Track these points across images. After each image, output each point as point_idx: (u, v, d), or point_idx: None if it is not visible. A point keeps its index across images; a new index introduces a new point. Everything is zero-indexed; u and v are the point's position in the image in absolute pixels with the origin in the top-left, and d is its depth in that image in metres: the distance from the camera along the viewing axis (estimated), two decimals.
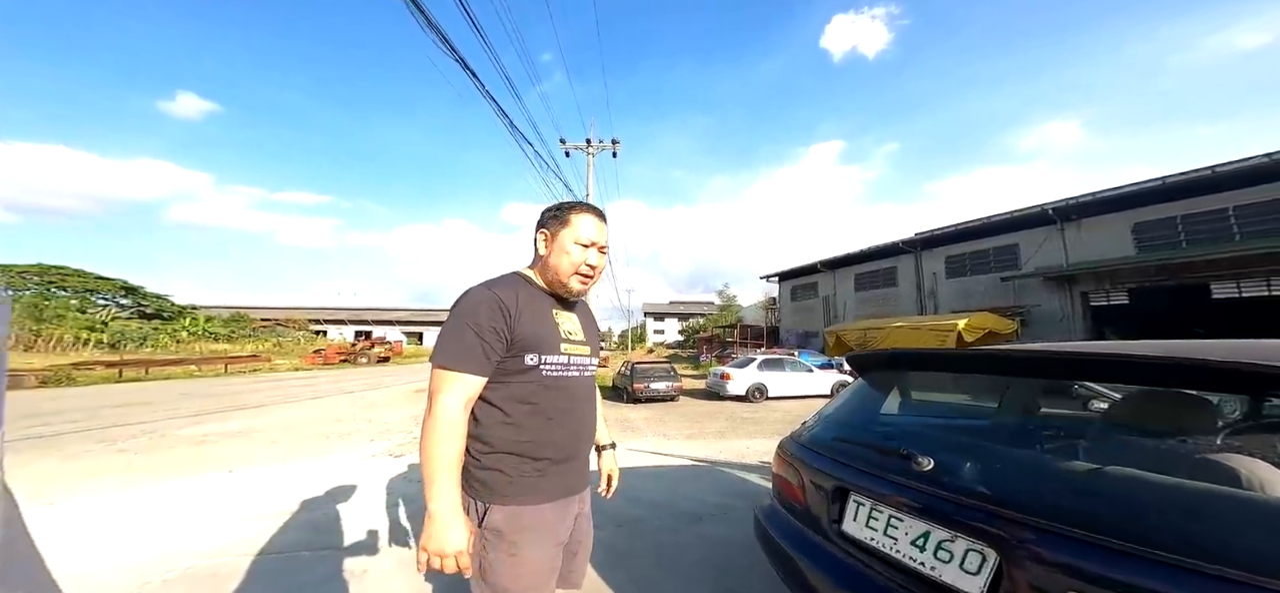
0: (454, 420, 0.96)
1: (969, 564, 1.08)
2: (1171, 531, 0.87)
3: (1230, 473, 0.95)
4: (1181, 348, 1.17)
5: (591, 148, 14.98)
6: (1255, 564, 0.76)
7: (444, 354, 0.99)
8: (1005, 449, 1.43)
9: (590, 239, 1.11)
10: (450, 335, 1.00)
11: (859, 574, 1.30)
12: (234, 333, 30.77)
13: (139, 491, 3.63)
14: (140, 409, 8.32)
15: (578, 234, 1.10)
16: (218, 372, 17.79)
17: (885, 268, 21.92)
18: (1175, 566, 0.81)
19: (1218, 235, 12.15)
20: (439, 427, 0.95)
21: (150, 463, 4.54)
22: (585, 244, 1.11)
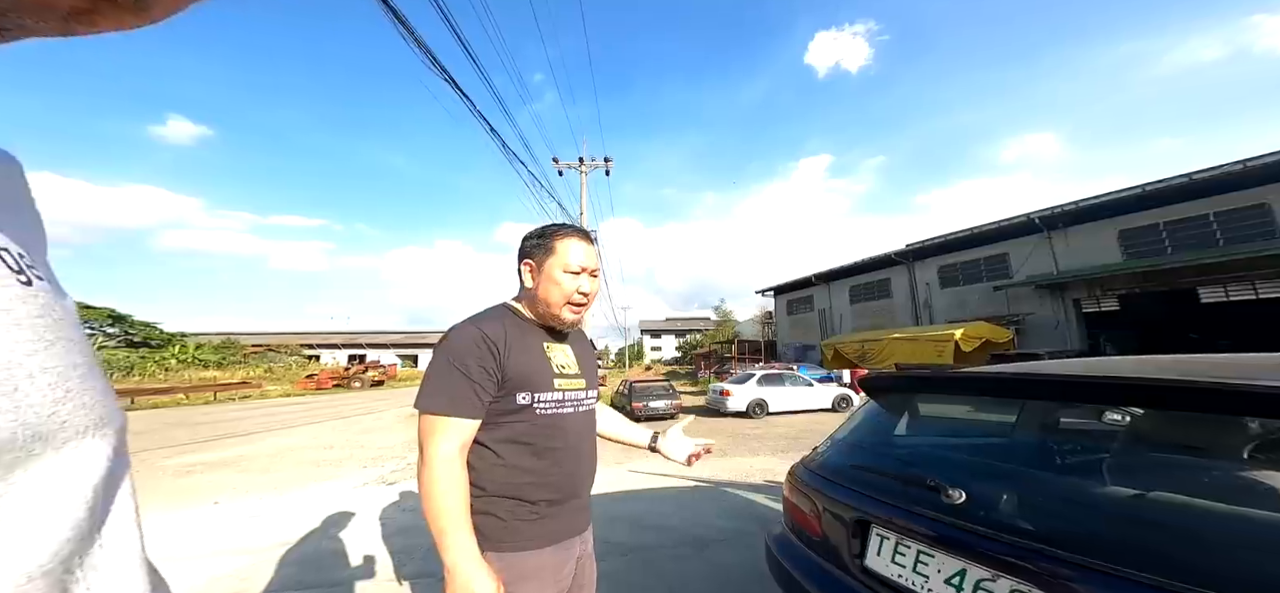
0: (453, 465, 0.90)
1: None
2: (1227, 565, 0.82)
3: (1270, 491, 0.93)
4: (1217, 369, 1.14)
5: (584, 166, 15.07)
6: None
7: (433, 399, 0.93)
8: (1035, 474, 1.37)
9: (580, 265, 1.04)
10: (438, 378, 0.94)
11: None
12: (224, 360, 30.14)
13: None
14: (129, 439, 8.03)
15: (566, 261, 1.03)
16: (207, 400, 17.36)
17: (879, 279, 22.09)
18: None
19: (1201, 241, 12.39)
20: (439, 476, 0.89)
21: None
22: (575, 271, 1.04)
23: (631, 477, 4.93)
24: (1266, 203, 11.36)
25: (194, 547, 2.96)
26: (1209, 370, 1.25)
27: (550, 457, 1.01)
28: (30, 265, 0.26)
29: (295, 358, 36.49)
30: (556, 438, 1.02)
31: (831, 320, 24.30)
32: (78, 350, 0.27)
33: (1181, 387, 1.05)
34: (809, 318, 26.25)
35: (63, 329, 0.26)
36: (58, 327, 0.26)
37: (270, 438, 8.22)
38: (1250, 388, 0.91)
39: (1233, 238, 11.88)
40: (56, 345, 0.25)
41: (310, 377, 25.12)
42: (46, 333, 0.24)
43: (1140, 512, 1.01)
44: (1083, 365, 1.42)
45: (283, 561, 2.69)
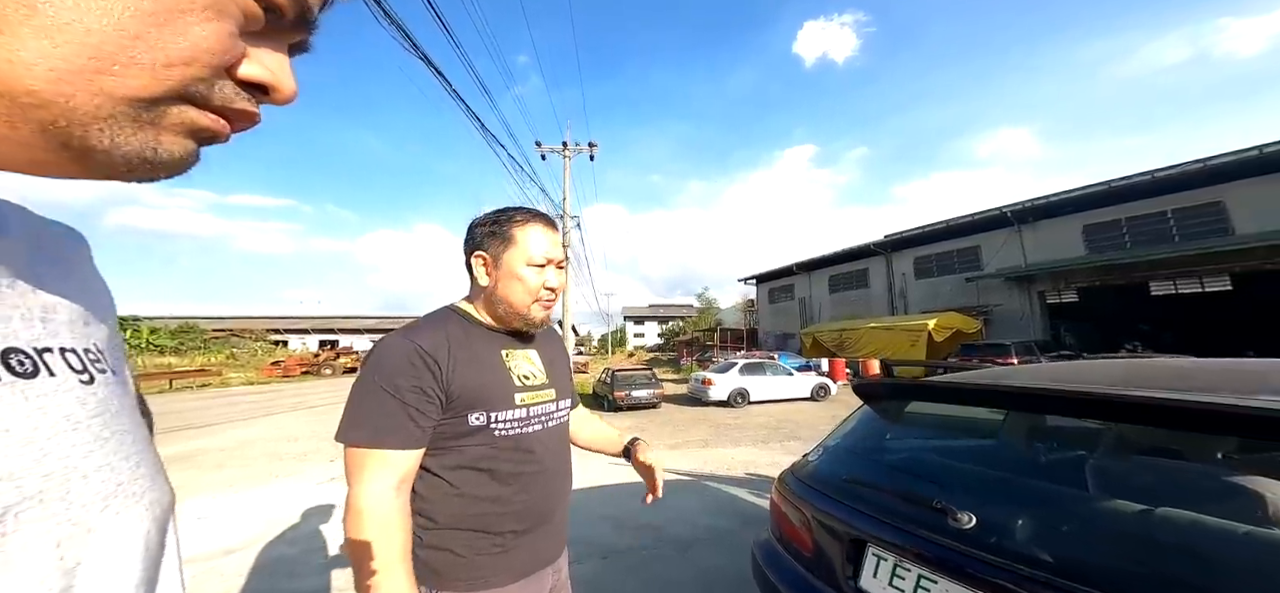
0: (384, 507, 0.75)
1: None
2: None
3: (1256, 498, 0.90)
4: (1199, 380, 1.08)
5: (568, 151, 14.69)
6: None
7: (356, 428, 0.77)
8: (1041, 490, 1.30)
9: (545, 256, 0.89)
10: (362, 403, 0.79)
11: None
12: (182, 345, 28.48)
13: None
14: None
15: (529, 254, 0.88)
16: (160, 388, 16.34)
17: (858, 269, 22.59)
18: None
19: (1158, 237, 13.10)
20: (366, 521, 0.74)
21: None
22: (540, 264, 0.89)
23: (614, 470, 4.84)
24: (1221, 201, 12.04)
25: None
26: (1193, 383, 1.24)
27: (516, 483, 0.87)
28: (95, 360, 0.28)
29: (261, 344, 34.87)
30: (522, 461, 0.88)
31: (811, 309, 24.78)
32: (131, 439, 0.28)
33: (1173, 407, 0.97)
34: (790, 306, 26.71)
35: (120, 420, 0.28)
36: (116, 419, 0.27)
37: (228, 430, 7.74)
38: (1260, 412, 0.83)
39: (1187, 234, 12.59)
40: (112, 440, 0.26)
41: (276, 364, 23.98)
42: (103, 430, 0.26)
43: (1147, 535, 0.96)
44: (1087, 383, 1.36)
45: (227, 570, 2.47)
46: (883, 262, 21.05)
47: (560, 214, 14.68)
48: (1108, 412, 1.18)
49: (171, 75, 0.21)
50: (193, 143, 0.24)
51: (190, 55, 0.22)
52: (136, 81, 0.21)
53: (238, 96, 0.25)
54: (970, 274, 17.13)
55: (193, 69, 0.22)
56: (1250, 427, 0.94)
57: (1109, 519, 1.06)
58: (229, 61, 0.23)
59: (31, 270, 0.28)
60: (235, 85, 0.25)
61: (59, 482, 0.23)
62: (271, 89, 0.26)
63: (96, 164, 0.22)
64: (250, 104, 0.25)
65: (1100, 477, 1.18)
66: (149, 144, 0.22)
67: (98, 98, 0.20)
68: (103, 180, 0.23)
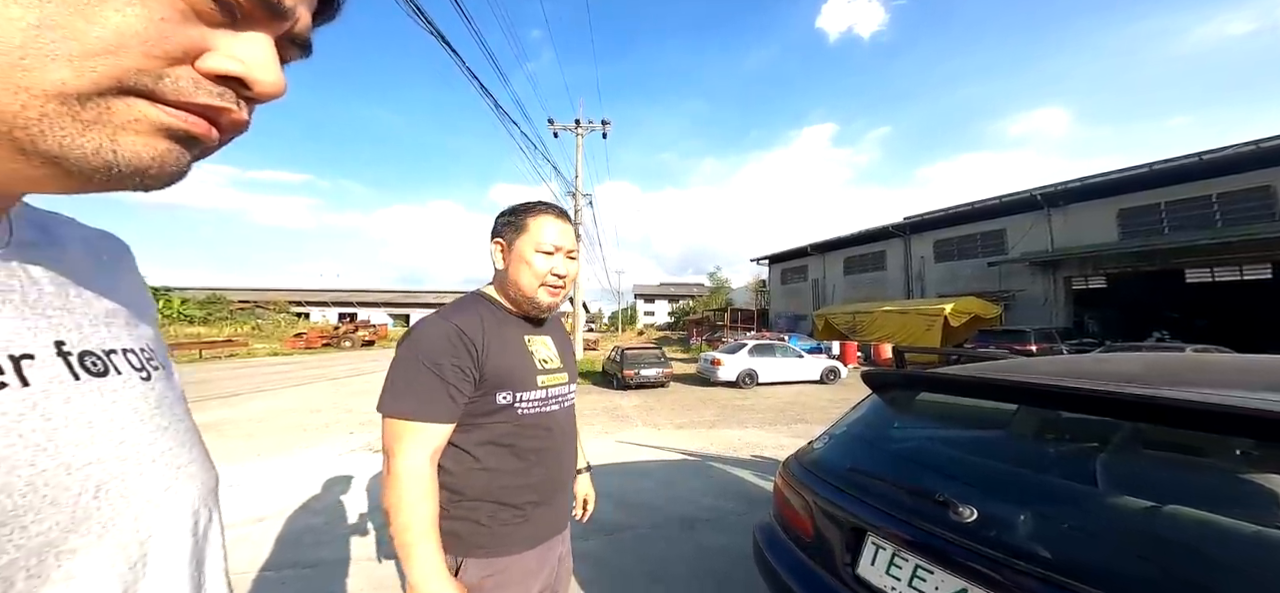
0: (423, 477, 0.82)
1: None
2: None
3: (1266, 496, 0.89)
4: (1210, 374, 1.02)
5: (580, 129, 14.49)
6: None
7: (399, 401, 0.84)
8: (1045, 484, 1.28)
9: (554, 244, 0.95)
10: (406, 378, 0.85)
11: None
12: (211, 315, 29.67)
13: None
14: None
15: (538, 240, 0.94)
16: (192, 358, 17.11)
17: (874, 252, 22.04)
18: None
19: (1200, 222, 12.39)
20: (406, 488, 0.81)
21: None
22: (548, 251, 0.95)
23: (619, 448, 4.95)
24: (1271, 185, 11.27)
25: None
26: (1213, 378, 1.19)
27: (533, 457, 0.95)
28: (150, 358, 0.31)
29: (284, 315, 36.08)
30: (541, 438, 0.96)
31: (824, 291, 24.42)
32: (185, 428, 0.32)
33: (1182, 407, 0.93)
34: (802, 288, 26.36)
35: (175, 410, 0.32)
36: (171, 411, 0.31)
37: (255, 400, 8.12)
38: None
39: (1232, 219, 11.88)
40: (170, 430, 0.30)
41: (299, 335, 24.84)
42: (162, 421, 0.30)
43: (1152, 535, 0.94)
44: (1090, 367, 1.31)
45: (256, 538, 2.63)
46: (901, 244, 20.48)
47: (572, 191, 14.60)
48: (1118, 410, 1.14)
49: (96, 66, 0.20)
50: (166, 143, 0.23)
51: (113, 43, 0.20)
52: (56, 75, 0.19)
53: (200, 90, 0.23)
54: (993, 259, 16.56)
55: (122, 58, 0.20)
56: (1260, 428, 0.91)
57: (1113, 516, 1.05)
58: (171, 50, 0.22)
59: (93, 279, 0.31)
60: (204, 80, 0.23)
61: (134, 466, 0.27)
62: (246, 82, 0.24)
63: (72, 173, 0.21)
64: (220, 99, 0.24)
65: (1109, 473, 1.15)
66: (105, 145, 0.21)
67: (20, 95, 0.19)
68: (94, 192, 0.23)
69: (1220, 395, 1.00)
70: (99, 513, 0.24)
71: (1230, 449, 1.08)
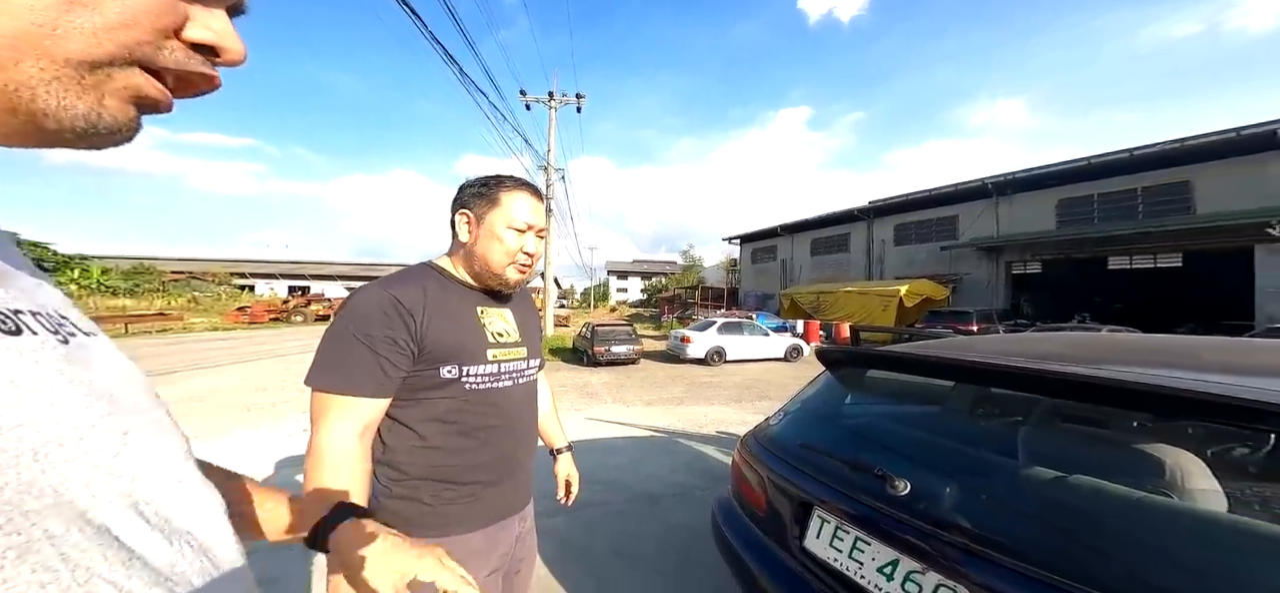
0: (347, 452, 0.77)
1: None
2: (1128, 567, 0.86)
3: (1157, 464, 0.99)
4: (1141, 355, 1.13)
5: (554, 101, 13.92)
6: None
7: (326, 373, 0.79)
8: (975, 458, 1.38)
9: (526, 222, 0.92)
10: (334, 349, 0.80)
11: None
12: (138, 287, 26.95)
13: None
14: None
15: (511, 217, 0.90)
16: (116, 333, 15.52)
17: (840, 234, 22.87)
18: None
19: (1126, 214, 13.62)
20: (326, 463, 0.75)
21: None
22: (521, 228, 0.91)
23: (588, 425, 4.98)
24: (1189, 181, 12.47)
25: None
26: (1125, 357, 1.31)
27: (483, 436, 0.90)
28: (62, 323, 0.30)
29: (225, 288, 33.32)
30: (491, 415, 0.91)
31: (792, 271, 25.21)
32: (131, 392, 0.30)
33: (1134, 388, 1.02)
34: (771, 267, 27.08)
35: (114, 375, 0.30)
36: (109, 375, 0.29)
37: (192, 378, 7.50)
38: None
39: (1152, 212, 13.12)
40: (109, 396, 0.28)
41: (243, 309, 23.05)
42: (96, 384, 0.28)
43: (1056, 503, 1.03)
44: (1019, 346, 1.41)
45: None
46: (865, 227, 21.33)
47: (544, 165, 14.09)
48: (1035, 386, 1.24)
49: (113, 38, 0.23)
50: (134, 110, 0.25)
51: (128, 17, 0.23)
52: (78, 44, 0.22)
53: (190, 59, 0.26)
54: (946, 243, 17.60)
55: (134, 32, 0.23)
56: (1152, 402, 1.01)
57: (1028, 487, 1.13)
58: (170, 23, 0.24)
59: None
60: (185, 48, 0.25)
61: (71, 430, 0.24)
62: (219, 50, 0.27)
63: (43, 129, 0.23)
64: (205, 67, 0.26)
65: (1028, 446, 1.24)
66: (93, 108, 0.23)
67: (42, 60, 0.21)
68: (49, 148, 0.24)
69: (1123, 372, 1.09)
70: (45, 478, 0.22)
71: (1129, 422, 1.20)
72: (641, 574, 2.14)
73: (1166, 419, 1.09)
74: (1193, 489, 0.94)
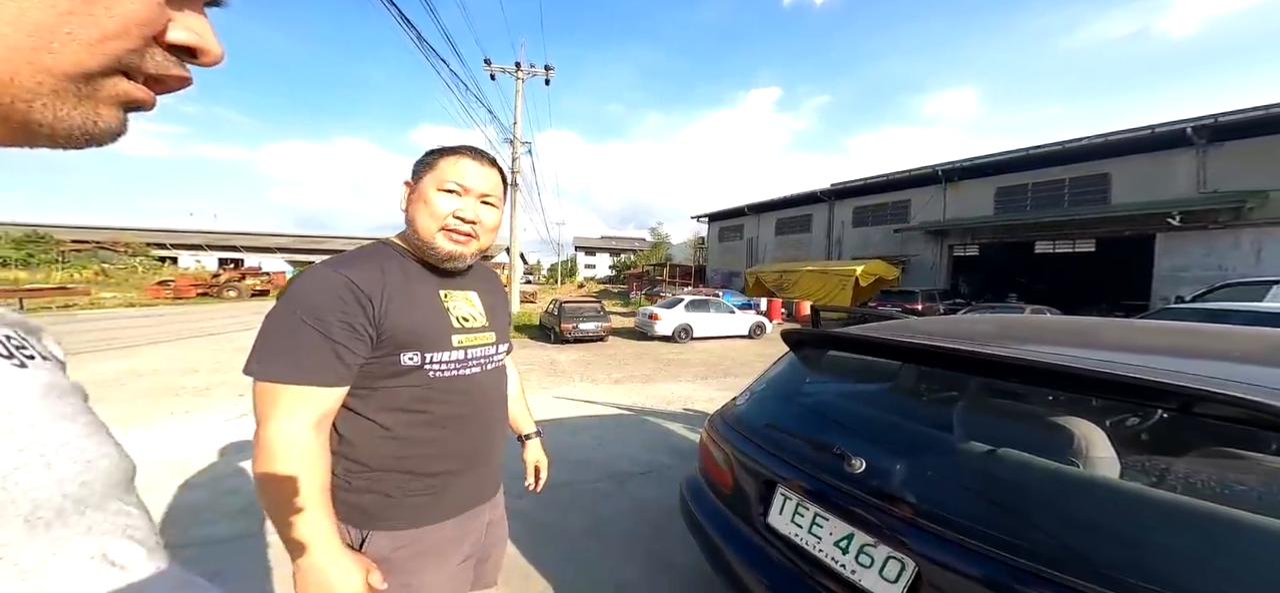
0: (303, 445, 0.72)
1: (888, 572, 1.10)
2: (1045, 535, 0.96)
3: (1067, 435, 1.09)
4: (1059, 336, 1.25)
5: (521, 73, 13.15)
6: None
7: (273, 363, 0.72)
8: (925, 437, 1.49)
9: (458, 182, 0.83)
10: (282, 336, 0.73)
11: (781, 569, 1.31)
12: (32, 257, 23.49)
13: None
14: None
15: (442, 178, 0.82)
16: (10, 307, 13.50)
17: (802, 215, 23.62)
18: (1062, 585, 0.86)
19: (1054, 202, 14.97)
20: (281, 458, 0.70)
21: None
22: (453, 189, 0.82)
23: (556, 404, 4.96)
24: (1108, 173, 13.81)
25: None
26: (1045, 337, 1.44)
27: (451, 425, 0.86)
28: (20, 347, 0.29)
29: (141, 260, 29.69)
30: (459, 403, 0.87)
31: (758, 250, 25.87)
32: (86, 420, 0.29)
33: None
34: (738, 246, 27.65)
35: (69, 403, 0.29)
36: (65, 401, 0.29)
37: (106, 359, 6.69)
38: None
39: (1076, 201, 14.48)
40: (68, 420, 0.28)
41: (164, 283, 20.63)
42: (56, 409, 0.28)
43: (989, 478, 1.13)
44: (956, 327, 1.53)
45: None
46: (826, 209, 22.14)
47: (510, 138, 13.39)
48: (969, 367, 1.34)
49: (107, 49, 0.23)
50: (123, 113, 0.25)
51: (123, 27, 0.23)
52: (75, 57, 0.22)
53: (169, 63, 0.26)
54: (898, 226, 18.66)
55: (126, 41, 0.23)
56: (1064, 381, 1.12)
57: (962, 461, 1.23)
58: (158, 30, 0.25)
59: None
60: (164, 52, 0.26)
61: (36, 455, 0.24)
62: (199, 51, 0.27)
63: (36, 136, 0.23)
64: (181, 68, 0.27)
65: (962, 422, 1.34)
66: (89, 117, 0.24)
67: (39, 75, 0.21)
68: (36, 148, 0.24)
69: (1037, 353, 1.20)
70: (16, 506, 0.22)
71: (1044, 398, 1.33)
72: (613, 552, 2.19)
73: (1072, 394, 1.21)
74: (1095, 457, 1.06)
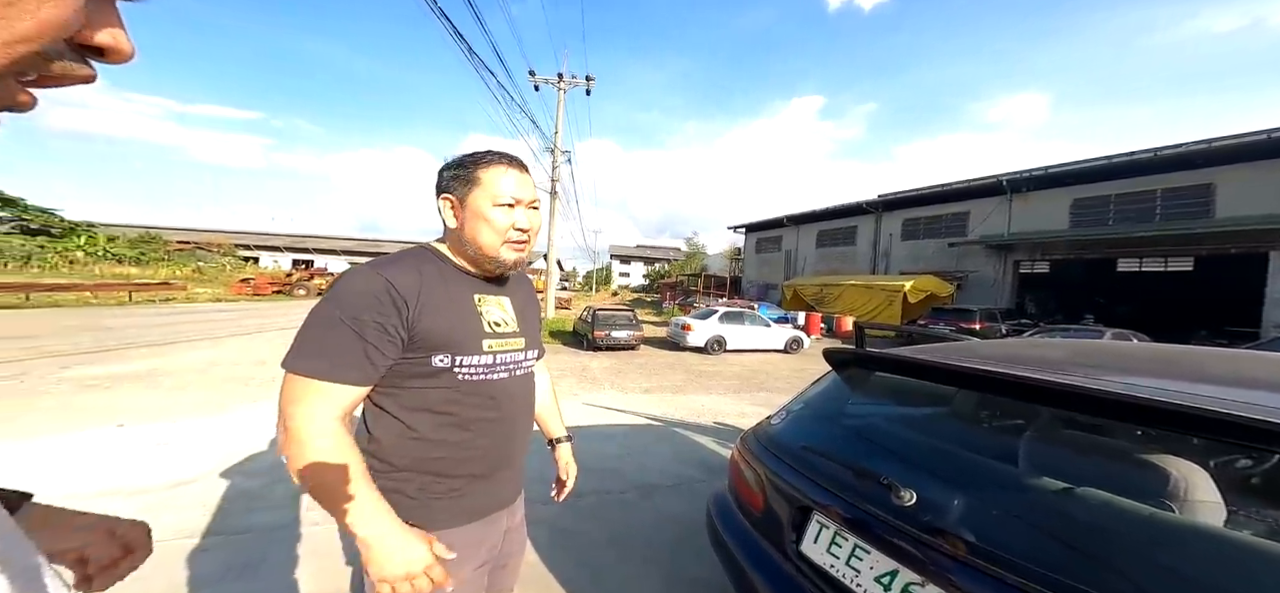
0: (335, 437, 0.73)
1: None
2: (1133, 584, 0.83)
3: (1160, 475, 0.96)
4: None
5: (563, 83, 13.68)
6: None
7: (309, 358, 0.74)
8: (985, 469, 1.33)
9: (513, 196, 0.86)
10: (319, 333, 0.76)
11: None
12: (144, 256, 27.12)
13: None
14: (16, 343, 7.12)
15: (495, 194, 0.85)
16: (120, 300, 15.62)
17: (846, 227, 22.57)
18: None
19: (1143, 216, 13.30)
20: (320, 446, 0.72)
21: (18, 411, 3.85)
22: (508, 204, 0.86)
23: (586, 411, 4.97)
24: (1212, 183, 12.10)
25: (85, 482, 2.64)
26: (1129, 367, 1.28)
27: (476, 428, 0.87)
28: None
29: (229, 258, 33.46)
30: (485, 407, 0.88)
31: (796, 262, 25.00)
32: None
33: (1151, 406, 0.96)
34: (775, 257, 26.86)
35: None
36: None
37: (193, 349, 7.55)
38: None
39: (1170, 215, 12.79)
40: None
41: (246, 281, 23.13)
42: None
43: (1063, 518, 1.00)
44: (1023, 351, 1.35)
45: (184, 503, 2.45)
46: (872, 220, 21.03)
47: (551, 147, 13.89)
48: (1044, 398, 1.19)
49: (14, 51, 0.21)
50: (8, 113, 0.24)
51: (36, 31, 0.21)
52: None
53: (75, 63, 0.25)
54: (954, 239, 17.33)
55: (36, 44, 0.22)
56: (1158, 417, 0.98)
57: (1035, 499, 1.09)
58: (73, 31, 0.23)
59: None
60: (73, 51, 0.24)
61: None
62: (110, 51, 0.26)
63: None
64: (88, 68, 0.25)
65: (1030, 454, 1.20)
66: None
67: None
68: None
69: (1128, 386, 1.06)
70: None
71: (1132, 432, 1.14)
72: (633, 564, 2.13)
73: (1172, 434, 1.04)
74: (1195, 502, 0.92)
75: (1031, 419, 1.38)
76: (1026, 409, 1.44)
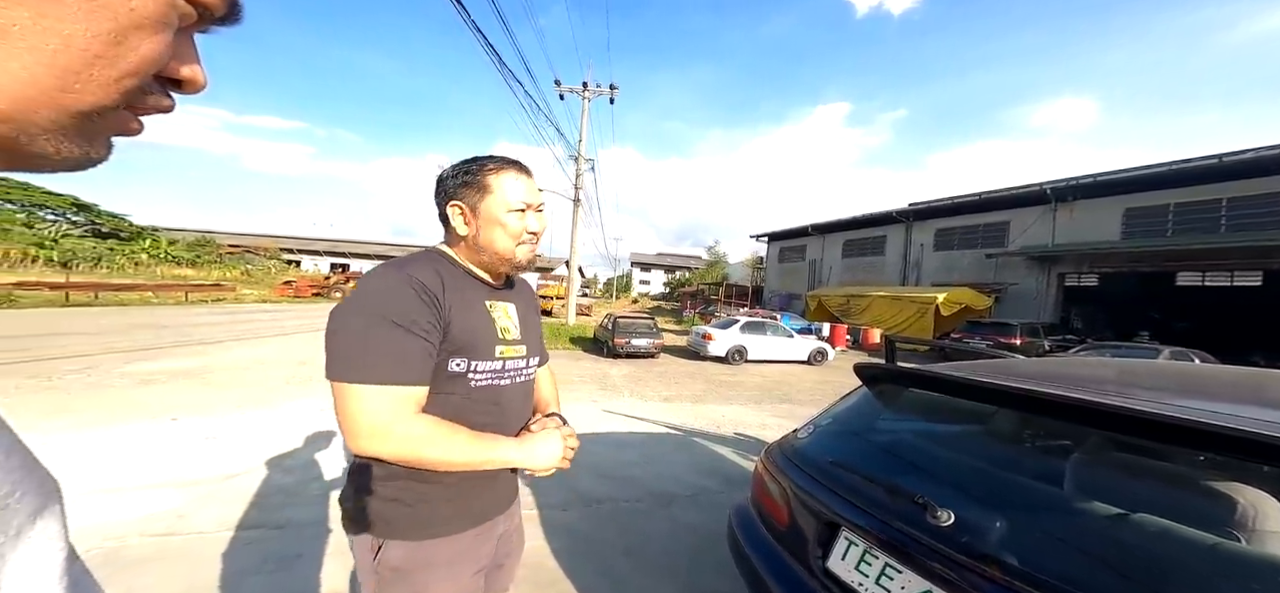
0: (427, 424, 0.76)
1: None
2: None
3: (1228, 504, 0.90)
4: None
5: (588, 92, 13.98)
6: None
7: (371, 366, 0.72)
8: (1019, 485, 1.25)
9: (524, 201, 0.88)
10: (371, 337, 0.73)
11: None
12: (199, 258, 29.24)
13: (61, 438, 3.32)
14: (85, 338, 7.78)
15: (507, 199, 0.86)
16: (177, 300, 16.85)
17: (875, 237, 21.87)
18: None
19: (1206, 226, 12.27)
20: (427, 436, 0.76)
21: (85, 404, 4.20)
22: (521, 209, 0.87)
23: (604, 418, 4.98)
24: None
25: (139, 473, 2.84)
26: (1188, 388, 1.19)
27: (478, 431, 0.86)
28: None
29: (274, 262, 35.60)
30: (490, 413, 0.88)
31: (821, 272, 24.39)
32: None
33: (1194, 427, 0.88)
34: (799, 267, 26.29)
35: None
36: None
37: (240, 348, 8.05)
38: None
39: (1237, 225, 11.76)
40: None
41: (288, 283, 24.55)
42: None
43: (1118, 547, 0.93)
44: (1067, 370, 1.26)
45: (226, 496, 2.59)
46: (902, 230, 20.30)
47: (574, 155, 14.18)
48: (1093, 421, 1.13)
49: (121, 86, 0.23)
50: (112, 144, 0.26)
51: (138, 67, 0.23)
52: (93, 97, 0.22)
53: (165, 96, 0.27)
54: (992, 250, 16.49)
55: (138, 79, 0.24)
56: (1220, 443, 0.91)
57: (1084, 523, 1.03)
58: (163, 66, 0.25)
59: None
60: (159, 83, 0.26)
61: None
62: (188, 83, 0.28)
63: (25, 164, 0.23)
64: (169, 98, 0.28)
65: (1081, 478, 1.13)
66: (86, 151, 0.24)
67: (56, 113, 0.22)
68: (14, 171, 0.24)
69: (1178, 409, 0.99)
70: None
71: (1194, 460, 1.05)
72: (648, 573, 2.10)
73: (1238, 460, 0.95)
74: (1266, 532, 0.86)
75: (1080, 440, 1.30)
76: (1073, 429, 1.35)
